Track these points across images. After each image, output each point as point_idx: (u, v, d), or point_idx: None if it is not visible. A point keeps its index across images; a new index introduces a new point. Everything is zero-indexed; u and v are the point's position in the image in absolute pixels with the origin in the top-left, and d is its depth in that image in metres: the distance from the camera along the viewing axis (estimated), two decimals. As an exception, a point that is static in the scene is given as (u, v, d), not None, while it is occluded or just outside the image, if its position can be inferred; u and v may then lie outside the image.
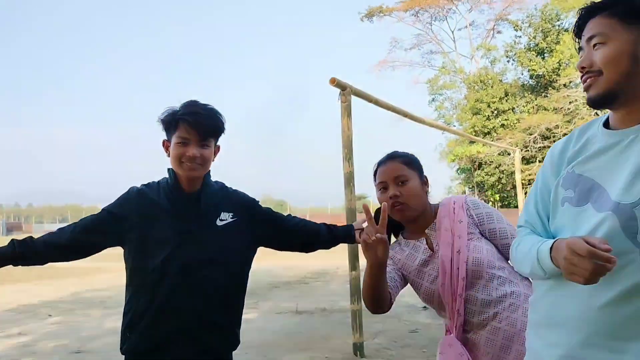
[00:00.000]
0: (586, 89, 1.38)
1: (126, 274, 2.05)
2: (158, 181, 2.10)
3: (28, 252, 1.90)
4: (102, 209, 2.06)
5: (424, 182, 1.96)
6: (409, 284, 2.02)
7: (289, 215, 2.32)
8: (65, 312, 8.20)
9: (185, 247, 1.95)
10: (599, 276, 1.16)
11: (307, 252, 2.30)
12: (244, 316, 2.14)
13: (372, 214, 1.75)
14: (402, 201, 1.87)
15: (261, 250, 2.19)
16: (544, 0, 37.53)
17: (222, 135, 2.09)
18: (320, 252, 2.28)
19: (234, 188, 2.23)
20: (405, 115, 6.50)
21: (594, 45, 1.35)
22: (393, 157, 1.97)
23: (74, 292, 10.52)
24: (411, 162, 1.95)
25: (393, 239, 2.10)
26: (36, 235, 2.01)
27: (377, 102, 5.75)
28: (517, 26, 38.39)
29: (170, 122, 2.00)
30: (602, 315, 1.27)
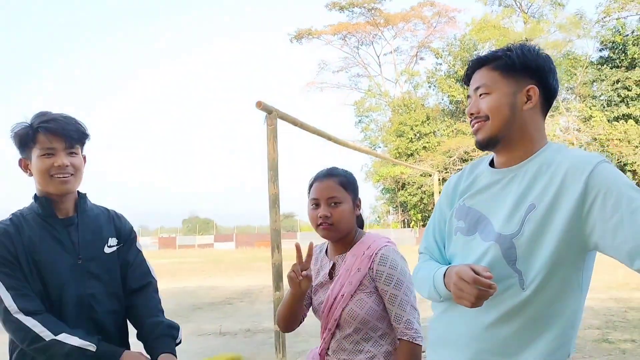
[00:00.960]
0: (475, 133, 1.56)
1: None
2: (20, 213, 1.84)
3: None
4: None
5: (357, 204, 1.95)
6: None
7: (150, 274, 2.03)
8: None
9: (74, 282, 1.78)
10: (482, 300, 1.33)
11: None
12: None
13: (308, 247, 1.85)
14: (331, 222, 1.86)
15: (185, 270, 2.06)
16: (462, 30, 39.71)
17: (87, 142, 1.91)
18: (246, 272, 2.13)
19: (117, 212, 2.06)
20: (330, 138, 6.67)
21: (480, 95, 1.53)
22: (331, 174, 1.93)
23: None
24: (348, 183, 1.92)
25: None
26: None
27: (302, 126, 5.86)
28: (438, 54, 40.31)
29: (27, 134, 1.79)
30: (488, 334, 1.44)
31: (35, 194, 1.85)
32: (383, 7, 42.25)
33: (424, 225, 37.76)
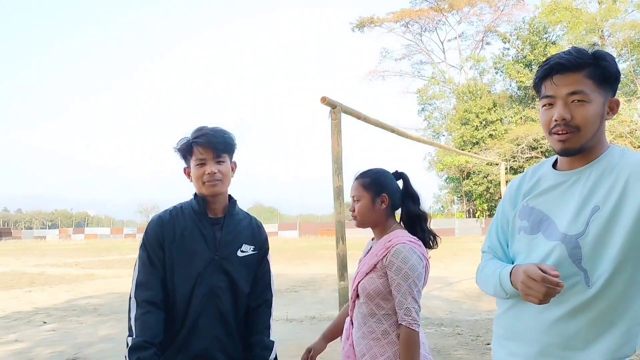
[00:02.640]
0: (562, 141, 1.52)
1: None
2: (181, 206, 2.19)
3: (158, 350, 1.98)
4: (141, 246, 2.12)
5: (381, 200, 2.22)
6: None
7: (269, 290, 2.29)
8: (59, 319, 8.30)
9: (209, 274, 2.07)
10: (550, 297, 1.39)
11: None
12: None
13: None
14: (354, 215, 2.28)
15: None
16: (531, 13, 38.14)
17: (235, 150, 2.21)
18: (310, 261, 2.39)
19: (259, 222, 2.34)
20: (393, 130, 6.67)
21: (574, 101, 1.50)
22: (360, 176, 2.30)
23: (67, 299, 10.59)
24: (369, 184, 2.25)
25: None
26: (25, 241, 2.03)
27: (365, 119, 5.92)
28: (506, 38, 38.91)
29: (186, 149, 2.14)
30: (555, 329, 1.50)
31: (195, 193, 2.19)
32: (447, -9, 41.25)
33: (490, 215, 36.86)
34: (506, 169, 26.90)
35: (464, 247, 25.56)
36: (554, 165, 1.66)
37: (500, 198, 1.75)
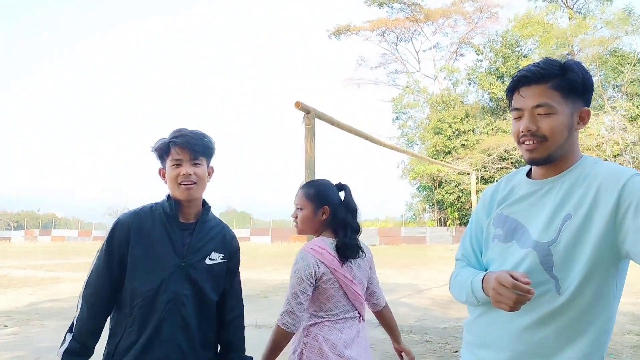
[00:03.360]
0: (530, 150, 1.55)
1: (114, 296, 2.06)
2: (151, 207, 2.11)
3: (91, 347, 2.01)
4: (104, 244, 2.06)
5: (323, 212, 2.35)
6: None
7: (241, 303, 2.27)
8: (21, 323, 8.03)
9: (174, 280, 2.00)
10: (521, 304, 1.39)
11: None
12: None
13: None
14: (296, 223, 2.43)
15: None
16: (504, 26, 38.90)
17: (214, 155, 2.17)
18: (281, 266, 2.38)
19: (231, 230, 2.28)
20: (366, 138, 6.70)
21: (540, 114, 1.52)
22: (303, 187, 2.44)
23: (30, 302, 10.28)
24: (311, 195, 2.39)
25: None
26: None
27: (339, 125, 5.92)
28: (479, 50, 39.61)
29: (162, 148, 2.08)
30: (525, 336, 1.50)
31: (168, 195, 2.12)
32: (423, 2, 41.85)
33: (460, 224, 37.31)
34: (477, 178, 27.28)
35: (435, 254, 25.78)
36: (528, 174, 1.68)
37: (471, 207, 1.76)
